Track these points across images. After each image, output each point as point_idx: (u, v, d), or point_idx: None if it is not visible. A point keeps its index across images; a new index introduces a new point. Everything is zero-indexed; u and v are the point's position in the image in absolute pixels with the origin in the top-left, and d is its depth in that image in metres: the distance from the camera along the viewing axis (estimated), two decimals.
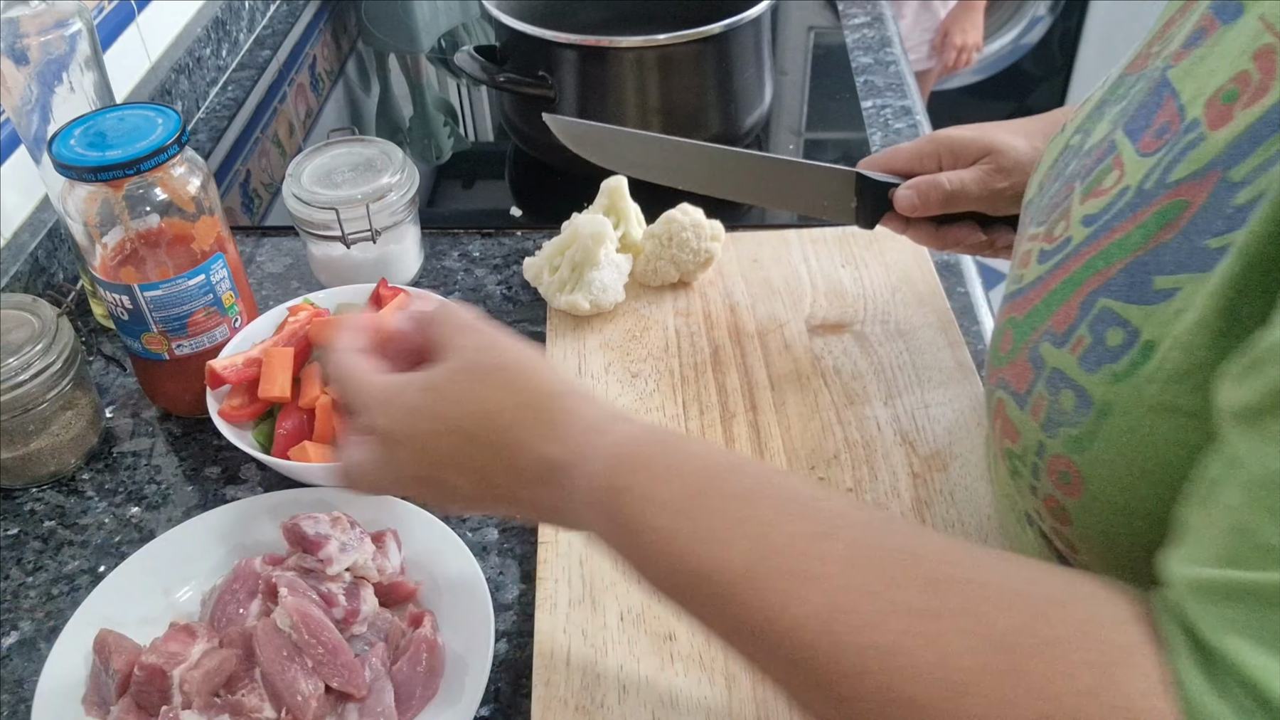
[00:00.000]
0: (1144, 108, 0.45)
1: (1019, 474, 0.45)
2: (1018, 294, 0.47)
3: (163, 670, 0.53)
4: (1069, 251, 0.44)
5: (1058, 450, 0.42)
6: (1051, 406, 0.42)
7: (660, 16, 0.94)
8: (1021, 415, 0.44)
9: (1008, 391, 0.46)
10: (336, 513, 0.61)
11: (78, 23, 0.70)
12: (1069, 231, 0.45)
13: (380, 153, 0.83)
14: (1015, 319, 0.46)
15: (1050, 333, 0.43)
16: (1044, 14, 2.45)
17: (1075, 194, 0.46)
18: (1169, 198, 0.40)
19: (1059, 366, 0.42)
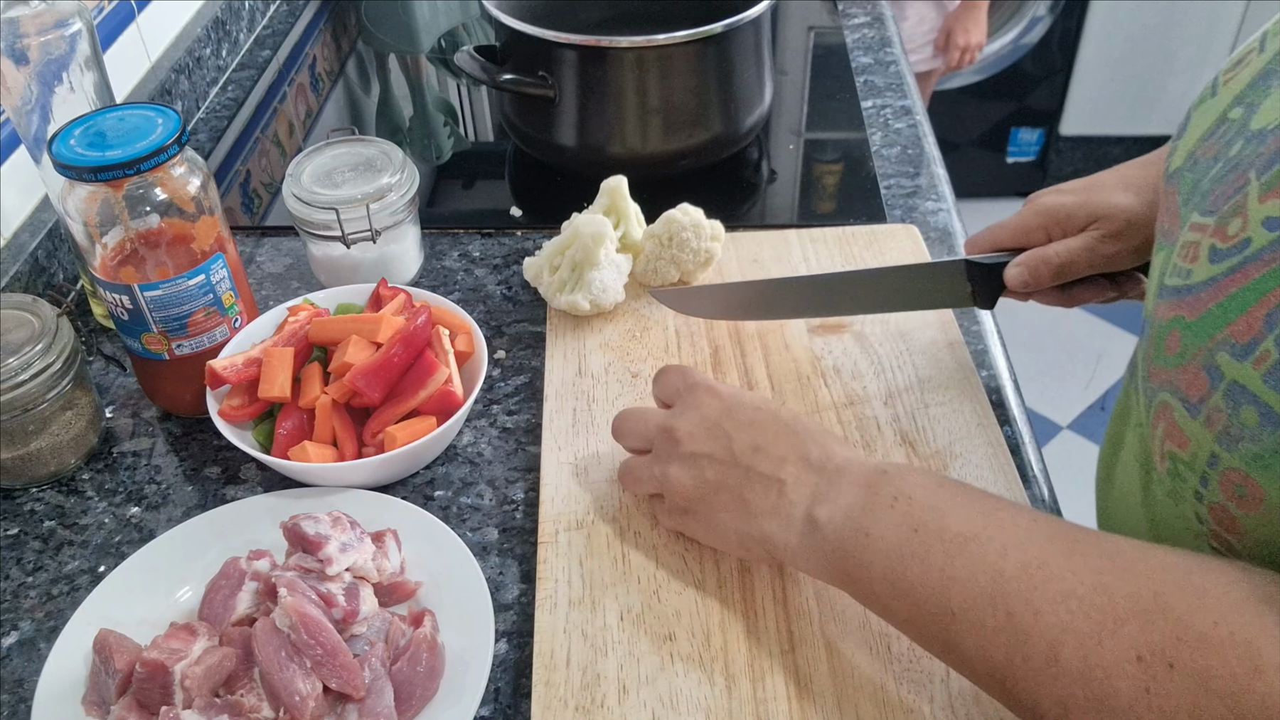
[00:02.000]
0: None
1: (1182, 478, 0.45)
2: (1185, 291, 0.45)
3: (164, 666, 0.53)
4: (1249, 255, 0.41)
5: (1235, 464, 0.41)
6: (1230, 420, 0.41)
7: (660, 16, 0.94)
8: (1193, 424, 0.43)
9: (1176, 396, 0.45)
10: (336, 513, 0.61)
11: (78, 23, 0.70)
12: (1247, 231, 0.42)
13: (380, 153, 0.83)
14: (1184, 320, 0.44)
15: (1229, 342, 0.41)
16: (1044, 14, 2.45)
17: (1252, 188, 0.43)
18: None
19: (1240, 380, 0.41)
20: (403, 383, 0.68)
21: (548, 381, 0.75)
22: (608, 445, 0.70)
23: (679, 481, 0.58)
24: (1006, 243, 0.70)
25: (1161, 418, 0.46)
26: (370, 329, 0.68)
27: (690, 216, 0.80)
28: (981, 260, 0.70)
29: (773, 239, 0.87)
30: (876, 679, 0.56)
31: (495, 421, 0.74)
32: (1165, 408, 0.46)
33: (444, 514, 0.68)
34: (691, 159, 0.96)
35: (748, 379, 0.74)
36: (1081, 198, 0.67)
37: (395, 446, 0.65)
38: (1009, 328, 0.89)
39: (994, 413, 0.71)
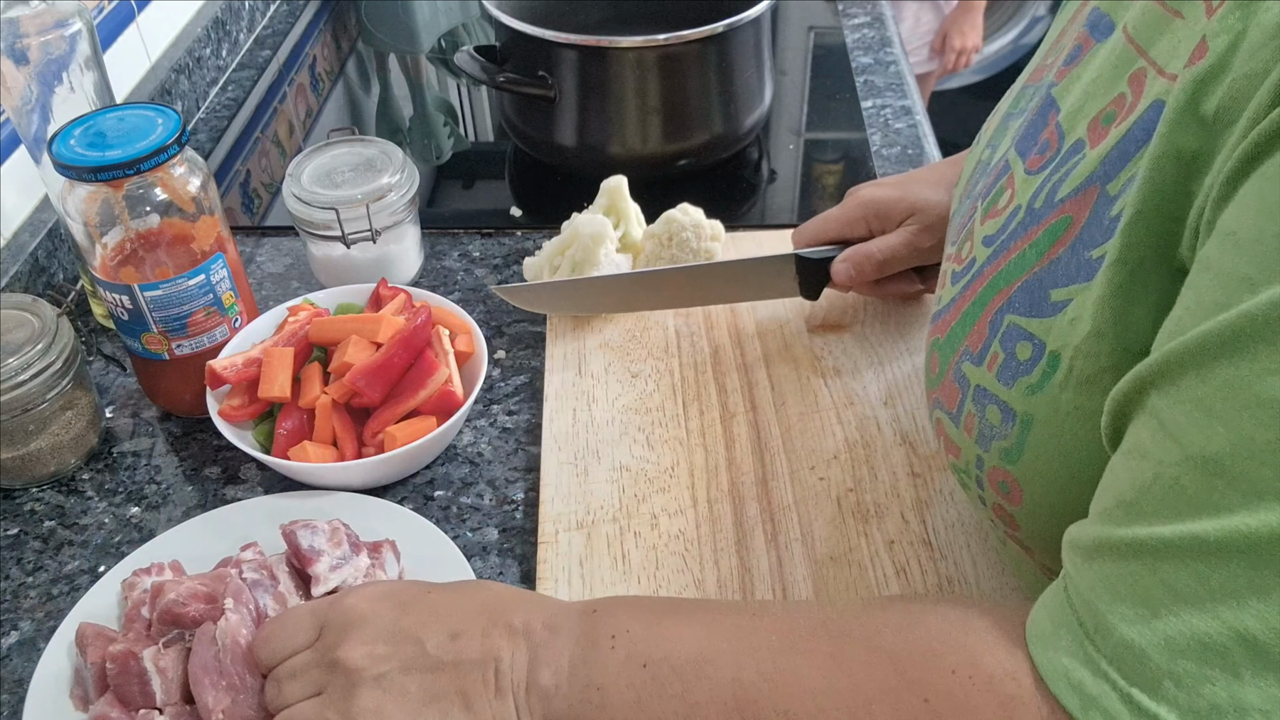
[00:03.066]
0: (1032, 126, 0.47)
1: (967, 486, 0.48)
2: (938, 315, 0.49)
3: (134, 654, 0.53)
4: (974, 272, 0.46)
5: (994, 463, 0.44)
6: (981, 422, 0.44)
7: (660, 16, 0.94)
8: (958, 432, 0.46)
9: (943, 411, 0.48)
10: (336, 522, 0.60)
11: (78, 23, 0.70)
12: (973, 252, 0.47)
13: (380, 153, 0.83)
14: (938, 340, 0.48)
15: (968, 352, 0.45)
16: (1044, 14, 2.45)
17: (977, 214, 0.49)
18: (1057, 214, 0.42)
19: (980, 383, 0.44)
20: (403, 383, 0.68)
21: (548, 381, 0.75)
22: (608, 445, 0.70)
23: (375, 713, 0.47)
24: (831, 235, 0.74)
25: (939, 433, 0.48)
26: (370, 329, 0.68)
27: (690, 216, 0.80)
28: (808, 255, 0.74)
29: (772, 239, 0.87)
30: None
31: (495, 421, 0.74)
32: (939, 423, 0.48)
33: (444, 514, 0.68)
34: (691, 159, 0.96)
35: (748, 379, 0.74)
36: (899, 192, 0.71)
37: (395, 446, 0.65)
38: None
39: None
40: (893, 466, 0.68)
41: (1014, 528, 0.46)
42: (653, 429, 0.71)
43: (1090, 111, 0.43)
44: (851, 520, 0.64)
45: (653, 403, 0.73)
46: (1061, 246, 0.42)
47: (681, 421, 0.72)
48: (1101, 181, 0.41)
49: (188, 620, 0.54)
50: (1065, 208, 0.42)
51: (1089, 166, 0.42)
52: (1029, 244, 0.43)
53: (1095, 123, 0.43)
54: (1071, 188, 0.42)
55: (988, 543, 0.63)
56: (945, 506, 0.65)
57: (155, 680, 0.53)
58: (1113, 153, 0.40)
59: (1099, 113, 0.43)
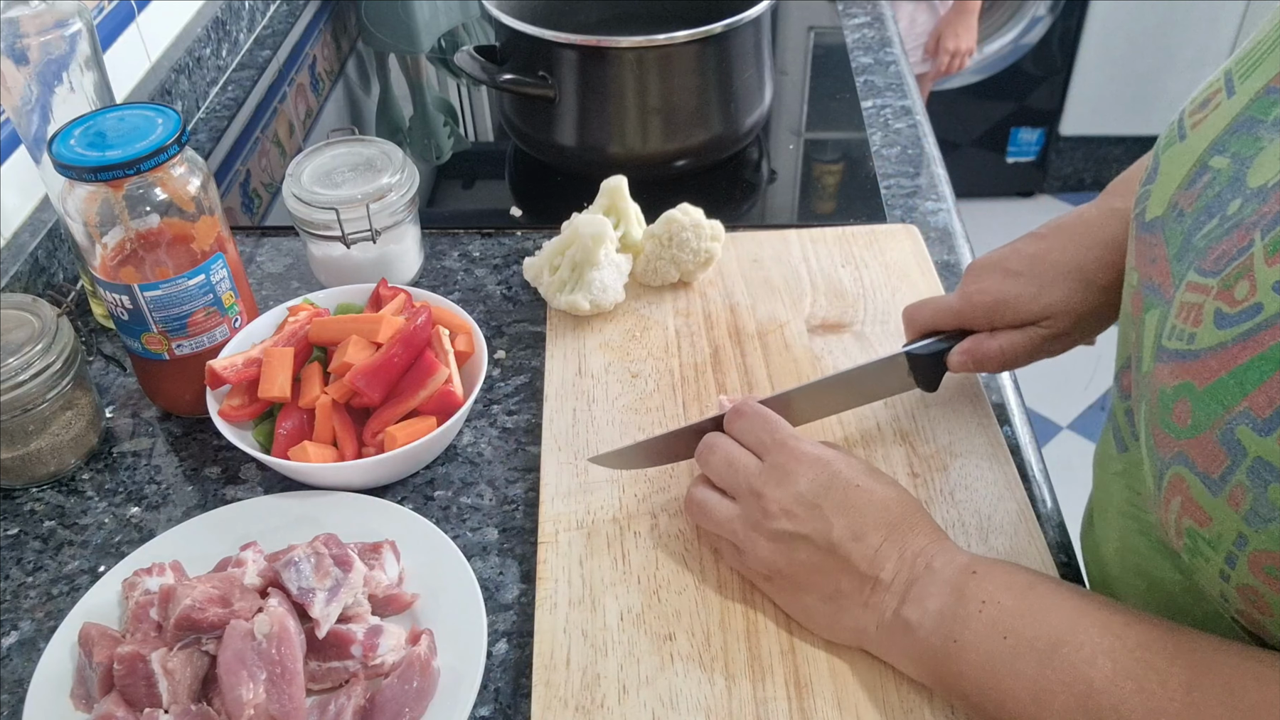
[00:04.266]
0: None
1: (1203, 555, 0.43)
2: (1190, 356, 0.42)
3: (141, 656, 0.53)
4: (1261, 321, 0.39)
5: (1266, 545, 0.39)
6: (1257, 499, 0.39)
7: (660, 16, 0.94)
8: (1214, 501, 0.41)
9: (1193, 471, 0.42)
10: (318, 541, 0.59)
11: (78, 23, 0.70)
12: (1257, 296, 0.40)
13: (380, 153, 0.83)
14: (1194, 388, 0.42)
15: (1249, 415, 0.39)
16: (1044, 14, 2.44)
17: (1257, 249, 0.41)
18: None
19: (1264, 456, 0.38)
20: (403, 383, 0.68)
21: (548, 381, 0.75)
22: (608, 445, 0.70)
23: (768, 557, 0.57)
24: (948, 326, 0.68)
25: (1176, 492, 0.43)
26: (370, 329, 0.68)
27: (690, 216, 0.80)
28: (921, 352, 0.68)
29: (773, 239, 0.87)
30: (876, 679, 0.56)
31: (495, 421, 0.74)
32: (1179, 480, 0.43)
33: (444, 514, 0.68)
34: (691, 159, 0.96)
35: (748, 379, 0.74)
36: (1033, 288, 0.63)
37: (395, 446, 0.65)
38: None
39: (994, 413, 0.71)
40: (893, 466, 0.68)
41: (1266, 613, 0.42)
42: (653, 429, 0.71)
43: None
44: None
45: (653, 402, 0.73)
46: None
47: (682, 421, 0.71)
48: None
49: (205, 625, 0.54)
50: None
51: None
52: None
53: None
54: None
55: (988, 543, 0.62)
56: (945, 506, 0.65)
57: (162, 682, 0.53)
58: None
59: None
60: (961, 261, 0.87)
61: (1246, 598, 0.42)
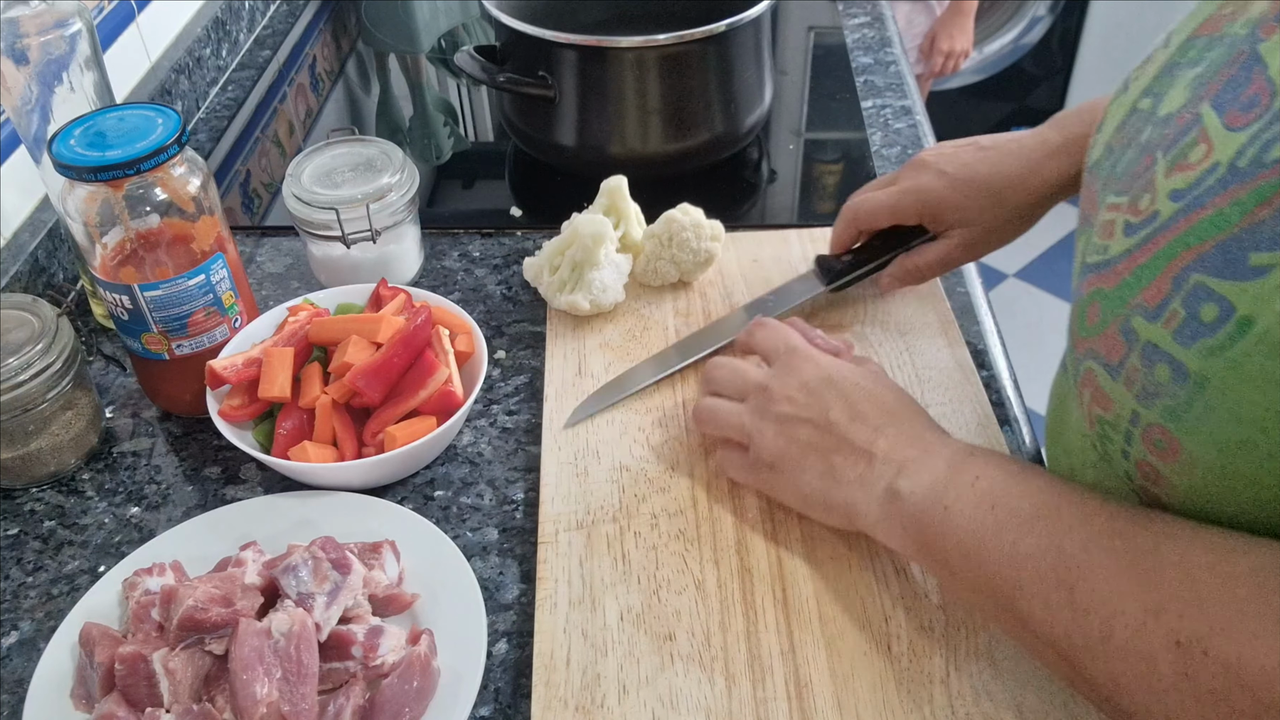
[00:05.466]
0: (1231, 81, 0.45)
1: (1109, 439, 0.49)
2: (1104, 266, 0.48)
3: (143, 656, 0.53)
4: (1157, 226, 0.45)
5: (1154, 420, 0.45)
6: (1146, 378, 0.45)
7: (660, 16, 0.94)
8: (1114, 385, 0.47)
9: (1099, 362, 0.48)
10: (315, 545, 0.58)
11: (78, 23, 0.70)
12: (1155, 205, 0.46)
13: (380, 153, 0.83)
14: (1103, 291, 0.48)
15: (1142, 307, 0.45)
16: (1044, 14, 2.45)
17: (1158, 166, 0.47)
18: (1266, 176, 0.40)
19: (1153, 340, 0.44)
20: (403, 383, 0.68)
21: (548, 381, 0.75)
22: (608, 445, 0.70)
23: (770, 440, 0.61)
24: (883, 224, 0.77)
25: (1087, 384, 0.50)
26: (370, 329, 0.68)
27: (690, 216, 0.80)
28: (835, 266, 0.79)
29: (773, 239, 0.87)
30: (876, 679, 0.56)
31: (495, 421, 0.74)
32: (1090, 374, 0.49)
33: (444, 514, 0.68)
34: (691, 159, 0.96)
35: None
36: (957, 198, 0.73)
37: (395, 446, 0.65)
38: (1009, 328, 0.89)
39: (994, 412, 0.71)
40: None
41: (1159, 485, 0.47)
42: (652, 429, 0.71)
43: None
44: None
45: (652, 402, 0.73)
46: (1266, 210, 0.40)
47: (681, 421, 0.72)
48: None
49: (209, 625, 0.54)
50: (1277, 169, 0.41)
51: None
52: (1230, 203, 0.42)
53: None
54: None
55: None
56: None
57: (164, 682, 0.53)
58: None
59: None
60: None
61: (1144, 472, 0.47)
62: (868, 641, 0.58)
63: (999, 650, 0.57)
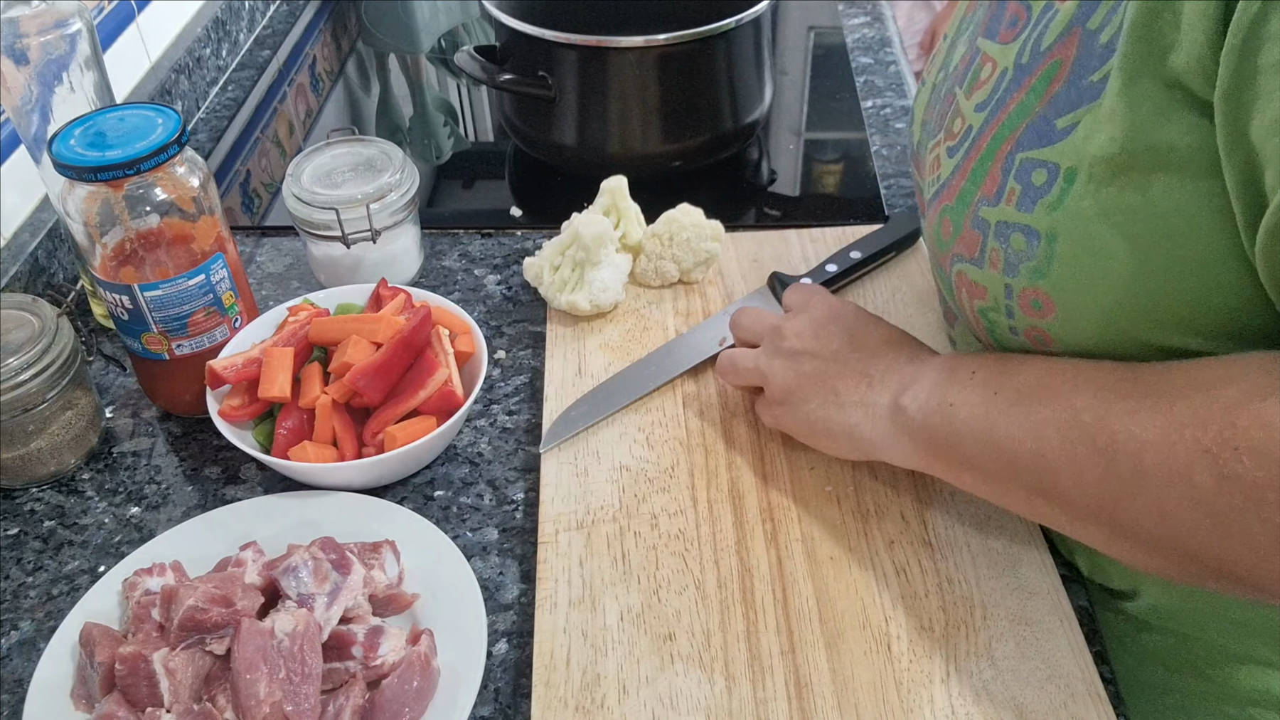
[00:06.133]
0: (993, 15, 0.55)
1: (995, 324, 0.54)
2: (941, 189, 0.56)
3: (143, 656, 0.53)
4: (973, 136, 0.53)
5: (1024, 284, 0.50)
6: (1006, 252, 0.51)
7: (660, 16, 0.94)
8: (983, 273, 0.53)
9: (965, 262, 0.54)
10: (315, 546, 0.58)
11: (78, 23, 0.70)
12: (966, 123, 0.54)
13: (380, 153, 0.83)
14: (948, 206, 0.55)
15: (984, 199, 0.52)
16: None
17: (959, 96, 0.56)
18: (1046, 61, 0.49)
19: (1001, 219, 0.50)
20: (403, 383, 0.68)
21: (548, 381, 0.75)
22: (608, 445, 0.70)
23: (779, 375, 0.63)
24: None
25: (962, 285, 0.55)
26: (370, 329, 0.68)
27: (690, 216, 0.80)
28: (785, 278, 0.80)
29: (773, 239, 0.87)
30: (876, 679, 0.56)
31: (495, 421, 0.74)
32: (961, 276, 0.55)
33: (444, 514, 0.68)
34: (692, 159, 0.96)
35: None
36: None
37: (395, 446, 0.65)
38: None
39: None
40: (893, 466, 0.68)
41: (1049, 344, 0.52)
42: (653, 429, 0.71)
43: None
44: (851, 520, 0.64)
45: (652, 402, 0.73)
46: (1058, 84, 0.48)
47: (681, 421, 0.72)
48: (1081, 21, 0.47)
49: (208, 625, 0.54)
50: (1053, 53, 0.48)
51: (1066, 15, 0.48)
52: (1027, 91, 0.50)
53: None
54: (1054, 36, 0.49)
55: (988, 543, 0.63)
56: (945, 506, 0.65)
57: (164, 682, 0.53)
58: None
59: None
60: None
61: (1033, 339, 0.52)
62: (868, 641, 0.58)
63: (999, 650, 0.57)
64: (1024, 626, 0.58)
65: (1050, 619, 0.58)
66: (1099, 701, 0.54)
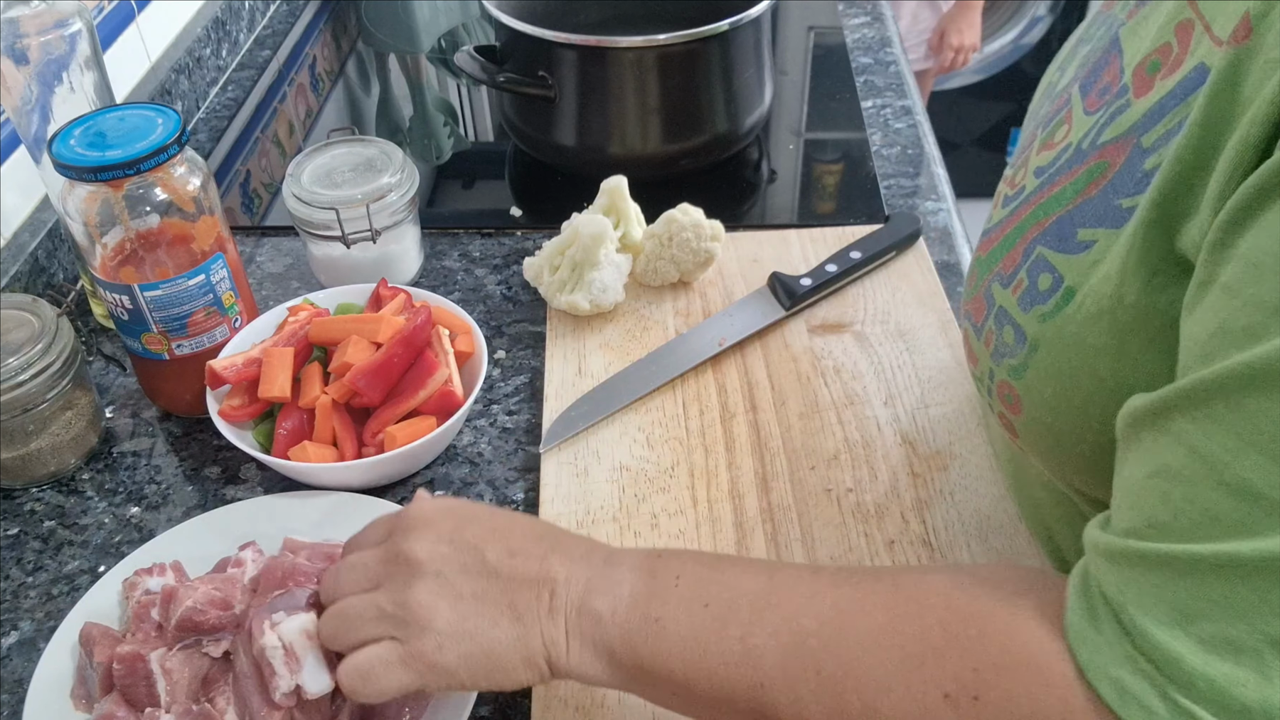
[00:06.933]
0: (1097, 65, 0.49)
1: (980, 390, 0.53)
2: (985, 235, 0.53)
3: (140, 656, 0.53)
4: (1022, 200, 0.50)
5: (1002, 377, 0.49)
6: (998, 339, 0.49)
7: (660, 16, 0.94)
8: (978, 344, 0.51)
9: (970, 323, 0.53)
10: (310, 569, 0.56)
11: (78, 23, 0.70)
12: (1025, 180, 0.51)
13: (380, 153, 0.83)
14: (980, 258, 0.52)
15: (1000, 274, 0.49)
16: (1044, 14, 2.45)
17: (1035, 142, 0.52)
18: (1096, 158, 0.45)
19: (1004, 305, 0.49)
20: (403, 383, 0.68)
21: (548, 381, 0.75)
22: (608, 445, 0.70)
23: (428, 606, 0.47)
24: None
25: (965, 342, 0.54)
26: (370, 329, 0.68)
27: (690, 216, 0.80)
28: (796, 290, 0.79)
29: (773, 239, 0.87)
30: None
31: (495, 421, 0.74)
32: (965, 334, 0.54)
33: None
34: (691, 159, 0.96)
35: (747, 378, 0.74)
36: None
37: (395, 446, 0.65)
38: None
39: None
40: (893, 466, 0.68)
41: (1014, 435, 0.51)
42: (653, 429, 0.71)
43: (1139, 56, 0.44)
44: (851, 520, 0.64)
45: (653, 403, 0.73)
46: (1095, 189, 0.44)
47: (681, 421, 0.72)
48: (1139, 133, 0.43)
49: (207, 627, 0.54)
50: (1104, 152, 0.44)
51: (1133, 117, 0.43)
52: (1070, 181, 0.46)
53: (1141, 70, 0.43)
54: (1114, 135, 0.44)
55: (987, 543, 0.63)
56: (945, 506, 0.65)
57: (161, 682, 0.53)
58: (1154, 106, 0.42)
59: (1144, 59, 0.43)
60: (962, 261, 0.87)
61: (1004, 423, 0.51)
62: None
63: None
64: None
65: None
66: None
